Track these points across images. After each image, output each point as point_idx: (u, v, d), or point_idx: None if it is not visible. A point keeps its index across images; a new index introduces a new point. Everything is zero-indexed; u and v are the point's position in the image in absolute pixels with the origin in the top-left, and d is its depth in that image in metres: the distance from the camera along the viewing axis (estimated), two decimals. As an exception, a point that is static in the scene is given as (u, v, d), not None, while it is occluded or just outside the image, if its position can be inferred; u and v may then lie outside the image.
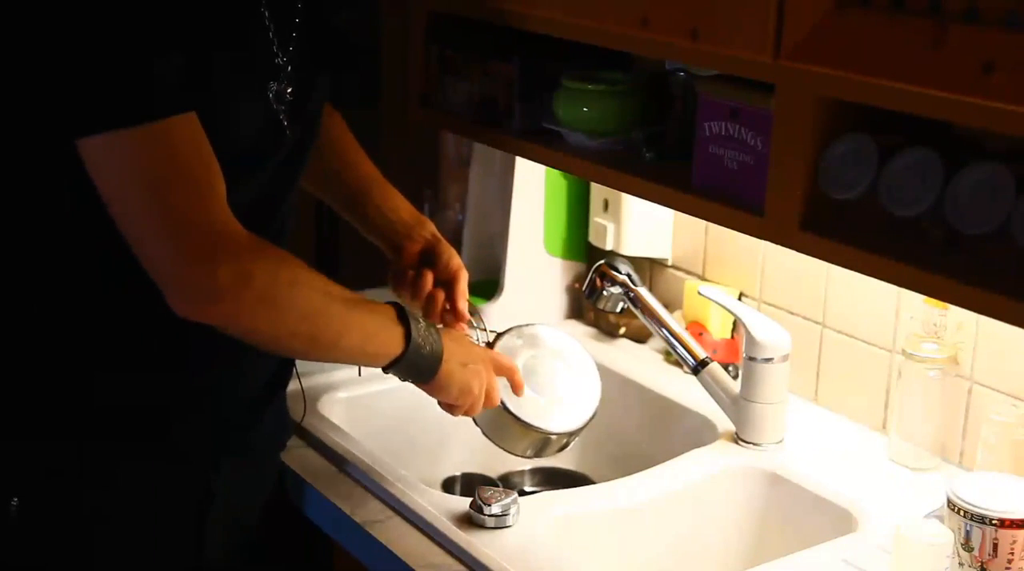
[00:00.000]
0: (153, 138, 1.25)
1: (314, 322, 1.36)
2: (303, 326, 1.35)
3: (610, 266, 1.77)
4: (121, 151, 1.25)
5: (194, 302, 1.29)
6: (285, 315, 1.32)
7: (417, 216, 1.68)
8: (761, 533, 1.65)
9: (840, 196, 1.23)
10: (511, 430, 1.57)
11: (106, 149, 1.25)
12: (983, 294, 1.11)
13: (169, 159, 1.26)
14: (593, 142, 1.58)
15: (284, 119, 1.41)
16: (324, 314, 1.36)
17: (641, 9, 1.38)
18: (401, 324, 1.44)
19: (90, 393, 1.39)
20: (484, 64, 1.69)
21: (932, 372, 1.61)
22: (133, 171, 1.26)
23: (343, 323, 1.39)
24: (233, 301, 1.28)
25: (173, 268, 1.28)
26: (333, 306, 1.37)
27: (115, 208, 1.27)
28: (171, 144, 1.26)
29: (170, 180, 1.26)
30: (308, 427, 1.71)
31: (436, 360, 1.47)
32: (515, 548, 1.44)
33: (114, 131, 1.24)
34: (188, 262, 1.27)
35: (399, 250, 1.65)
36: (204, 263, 1.27)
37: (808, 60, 1.21)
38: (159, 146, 1.25)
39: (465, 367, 1.50)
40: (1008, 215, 1.11)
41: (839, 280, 1.76)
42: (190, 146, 1.27)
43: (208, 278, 1.27)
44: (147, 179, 1.26)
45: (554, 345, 1.65)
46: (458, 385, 1.50)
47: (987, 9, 1.06)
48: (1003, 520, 1.34)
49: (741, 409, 1.68)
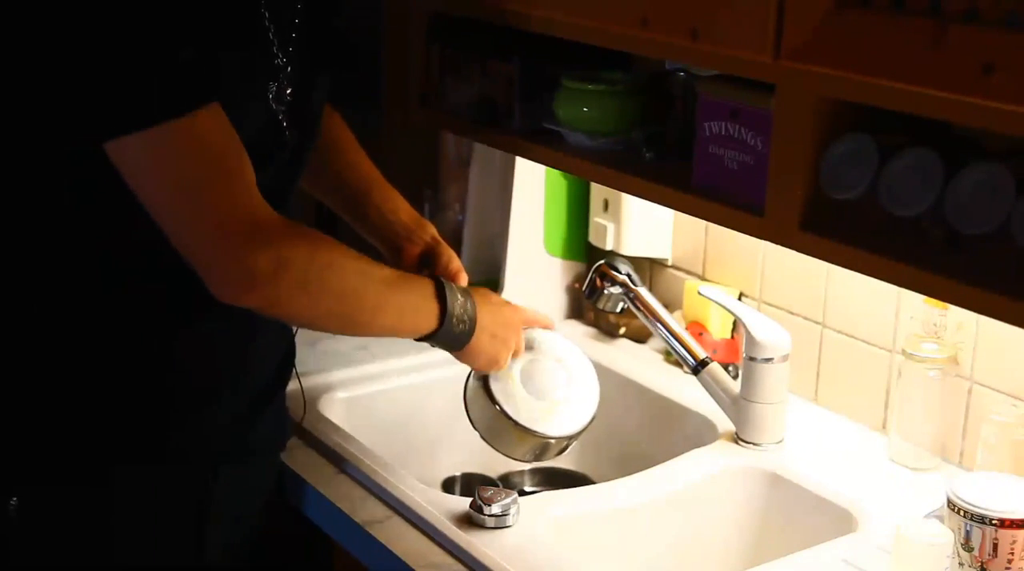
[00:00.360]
0: (183, 132, 1.26)
1: (351, 302, 1.39)
2: (340, 307, 1.39)
3: (610, 266, 1.77)
4: (153, 149, 1.26)
5: (235, 289, 1.31)
6: (322, 297, 1.36)
7: (417, 218, 1.68)
8: (761, 533, 1.65)
9: (840, 196, 1.23)
10: (510, 435, 1.57)
11: (138, 148, 1.26)
12: (983, 294, 1.11)
13: (201, 152, 1.28)
14: (593, 142, 1.58)
15: (284, 120, 1.41)
16: (361, 294, 1.40)
17: (641, 9, 1.38)
18: (438, 300, 1.47)
19: (89, 394, 1.39)
20: (484, 64, 1.69)
21: (932, 372, 1.61)
22: (167, 167, 1.28)
23: (379, 302, 1.42)
24: (272, 286, 1.31)
25: (213, 257, 1.30)
26: (370, 286, 1.41)
27: (151, 204, 1.29)
28: (201, 136, 1.27)
29: (204, 172, 1.28)
30: (308, 427, 1.71)
31: (469, 334, 1.50)
32: (515, 548, 1.44)
33: (144, 130, 1.24)
34: (227, 250, 1.29)
35: (399, 252, 1.65)
36: (242, 251, 1.29)
37: (808, 60, 1.21)
38: (190, 140, 1.27)
39: (495, 337, 1.54)
40: (1008, 215, 1.11)
41: (839, 280, 1.76)
42: (219, 136, 1.29)
43: (247, 265, 1.29)
44: (181, 173, 1.28)
45: (553, 349, 1.64)
46: (486, 355, 1.54)
47: (987, 9, 1.06)
48: (1003, 520, 1.34)
49: (741, 409, 1.68)
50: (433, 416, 1.90)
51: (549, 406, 1.59)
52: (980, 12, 1.06)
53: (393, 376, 1.91)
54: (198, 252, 1.30)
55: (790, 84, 1.24)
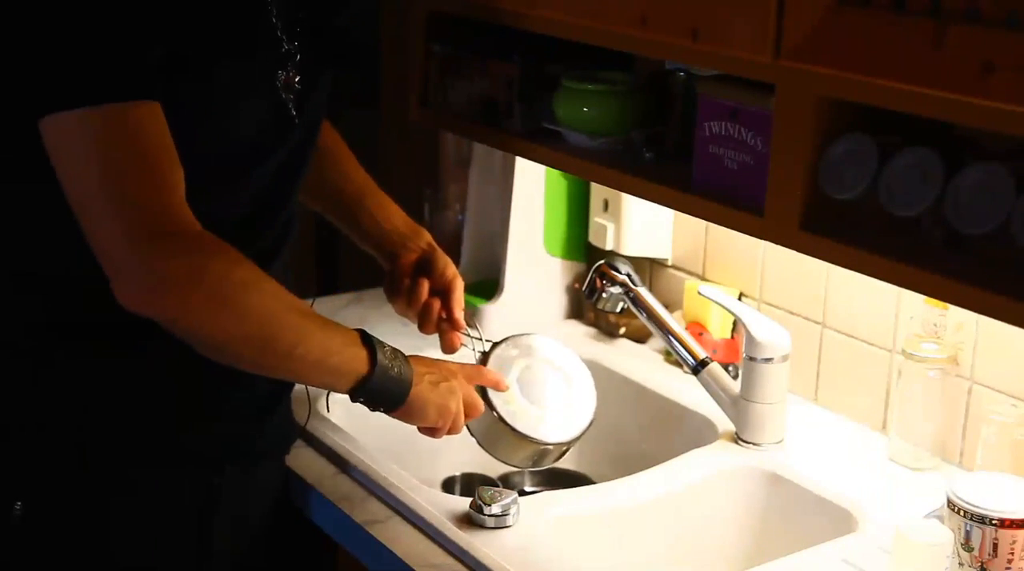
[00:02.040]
0: (114, 120, 1.24)
1: (267, 328, 1.31)
2: (255, 330, 1.30)
3: (610, 266, 1.77)
4: (81, 130, 1.24)
5: (141, 293, 1.25)
6: (236, 317, 1.29)
7: (412, 226, 1.68)
8: (761, 533, 1.65)
9: (840, 196, 1.23)
10: (508, 441, 1.57)
11: (66, 127, 1.24)
12: (983, 294, 1.11)
13: (128, 143, 1.25)
14: (593, 142, 1.58)
15: (292, 109, 1.41)
16: (279, 321, 1.32)
17: (641, 9, 1.38)
18: (365, 346, 1.39)
19: (95, 396, 1.38)
20: (484, 64, 1.69)
21: (932, 372, 1.61)
22: (90, 152, 1.25)
23: (300, 333, 1.33)
24: (181, 296, 1.25)
25: (123, 255, 1.25)
26: (291, 314, 1.33)
27: (70, 190, 1.26)
28: (132, 129, 1.25)
29: (127, 164, 1.25)
30: (308, 428, 1.71)
31: (406, 384, 1.42)
32: (515, 548, 1.44)
33: (75, 110, 1.23)
34: (138, 249, 1.24)
35: (394, 259, 1.64)
36: (155, 252, 1.24)
37: (808, 60, 1.21)
38: (120, 129, 1.24)
39: (437, 386, 1.46)
40: (1008, 215, 1.10)
41: (839, 280, 1.76)
42: (151, 134, 1.26)
43: (158, 268, 1.24)
44: (104, 161, 1.25)
45: (549, 355, 1.64)
46: (434, 406, 1.45)
47: (987, 9, 1.06)
48: (1003, 520, 1.34)
49: (741, 409, 1.69)
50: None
51: (546, 412, 1.59)
52: (980, 12, 1.06)
53: (393, 376, 1.91)
54: (107, 246, 1.26)
55: (790, 84, 1.24)
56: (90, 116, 1.23)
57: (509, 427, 1.55)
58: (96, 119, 1.24)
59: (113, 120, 1.24)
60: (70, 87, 1.23)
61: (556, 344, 1.67)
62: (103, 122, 1.24)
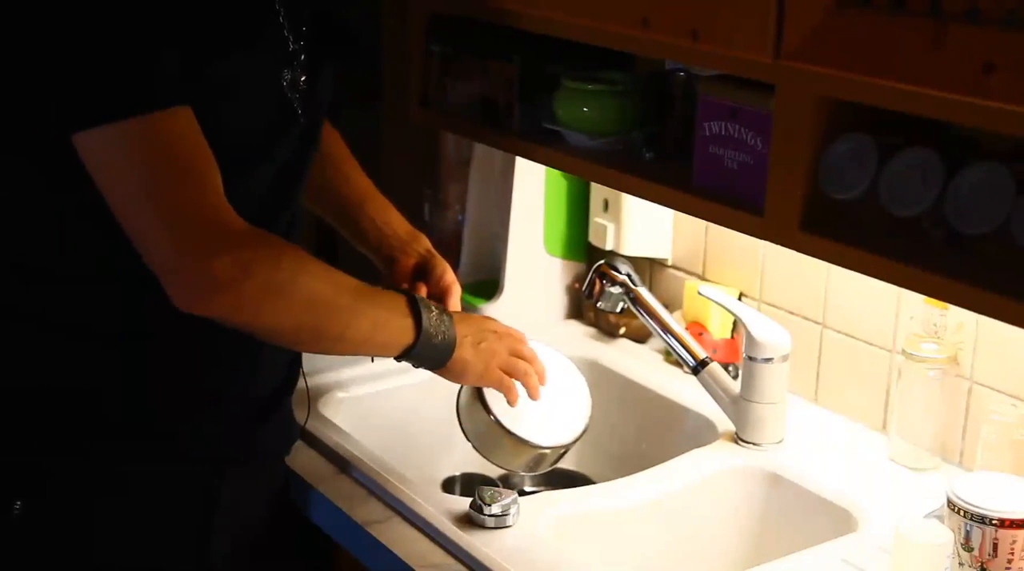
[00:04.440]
0: (151, 130, 1.25)
1: (319, 312, 1.35)
2: (308, 317, 1.35)
3: (610, 266, 1.77)
4: (119, 143, 1.25)
5: (195, 294, 1.28)
6: (288, 305, 1.32)
7: (411, 231, 1.68)
8: (761, 533, 1.65)
9: (840, 196, 1.23)
10: (504, 446, 1.57)
11: (104, 142, 1.25)
12: (983, 294, 1.11)
13: (166, 151, 1.26)
14: (593, 142, 1.58)
15: (298, 107, 1.41)
16: (330, 304, 1.36)
17: (641, 9, 1.38)
18: (412, 314, 1.43)
19: (95, 396, 1.38)
20: (484, 64, 1.69)
21: (932, 372, 1.61)
22: (131, 163, 1.26)
23: (351, 313, 1.38)
24: (234, 292, 1.28)
25: (173, 260, 1.27)
26: (340, 296, 1.37)
27: (114, 201, 1.27)
28: (168, 136, 1.26)
29: (168, 172, 1.27)
30: (308, 428, 1.71)
31: (449, 349, 1.47)
32: (515, 548, 1.44)
33: (112, 123, 1.24)
34: (188, 253, 1.27)
35: (393, 264, 1.65)
36: (203, 253, 1.27)
37: (808, 60, 1.21)
38: (157, 138, 1.26)
39: (478, 347, 1.50)
40: (1008, 215, 1.11)
41: (839, 280, 1.76)
42: (187, 139, 1.27)
43: (208, 269, 1.26)
44: (145, 171, 1.26)
45: (544, 360, 1.64)
46: (473, 368, 1.50)
47: (987, 9, 1.06)
48: (1003, 520, 1.34)
49: (741, 409, 1.68)
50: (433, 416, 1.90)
51: (543, 416, 1.59)
52: (980, 12, 1.06)
53: (393, 376, 1.91)
54: (157, 254, 1.28)
55: (790, 84, 1.24)
56: (126, 129, 1.24)
57: (506, 431, 1.55)
58: (132, 131, 1.25)
59: (149, 130, 1.25)
60: (102, 101, 1.24)
61: (550, 349, 1.67)
62: (140, 133, 1.25)
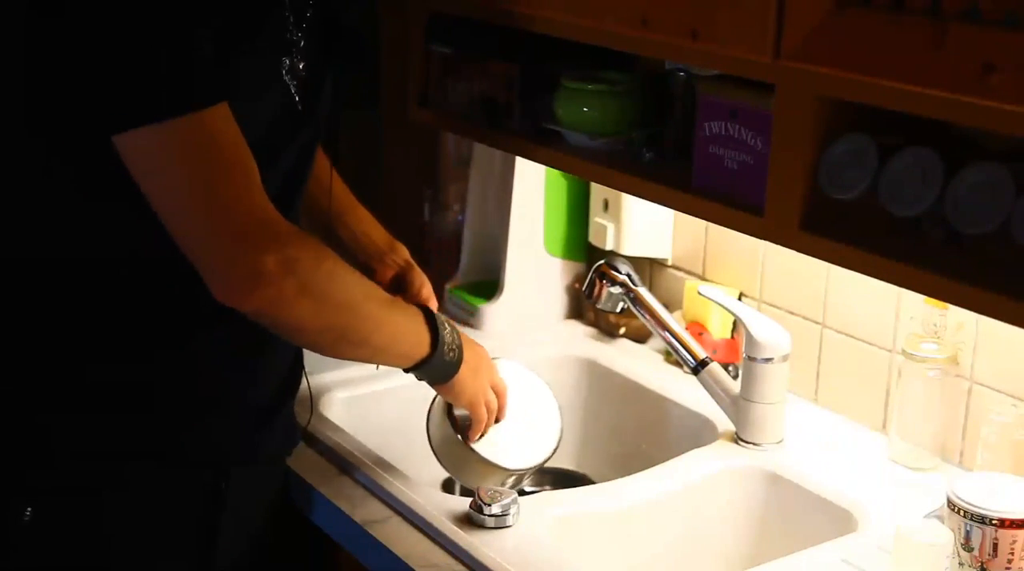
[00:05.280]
0: (195, 129, 1.25)
1: (348, 316, 1.38)
2: (337, 319, 1.37)
3: (610, 266, 1.77)
4: (162, 144, 1.25)
5: (240, 288, 1.29)
6: (323, 306, 1.34)
7: (390, 241, 1.68)
8: (761, 533, 1.65)
9: (840, 196, 1.23)
10: (474, 468, 1.58)
11: (147, 143, 1.25)
12: (983, 294, 1.11)
13: (212, 149, 1.27)
14: (593, 142, 1.58)
15: (301, 105, 1.41)
16: (360, 309, 1.39)
17: (641, 9, 1.38)
18: (429, 327, 1.47)
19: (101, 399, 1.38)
20: (484, 64, 1.69)
21: (932, 372, 1.61)
22: (176, 164, 1.27)
23: (375, 321, 1.41)
24: (276, 288, 1.29)
25: (219, 254, 1.28)
26: (369, 302, 1.40)
27: (159, 203, 1.28)
28: (212, 134, 1.26)
29: (213, 169, 1.27)
30: (309, 429, 1.71)
31: (456, 366, 1.51)
32: (515, 548, 1.44)
33: (156, 123, 1.24)
34: (234, 248, 1.28)
35: (371, 275, 1.64)
36: (253, 249, 1.28)
37: (808, 60, 1.21)
38: (201, 137, 1.26)
39: (476, 374, 1.54)
40: (1008, 215, 1.10)
41: (839, 280, 1.76)
42: (228, 135, 1.28)
43: (256, 263, 1.28)
44: (190, 169, 1.27)
45: (514, 379, 1.65)
46: (468, 393, 1.54)
47: (987, 9, 1.06)
48: (1003, 520, 1.34)
49: (741, 409, 1.68)
50: (433, 416, 1.90)
51: (513, 437, 1.60)
52: (980, 12, 1.06)
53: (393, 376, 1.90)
54: (203, 250, 1.29)
55: (790, 84, 1.24)
56: (168, 128, 1.24)
57: (476, 454, 1.56)
58: (174, 130, 1.25)
59: (193, 128, 1.25)
60: (143, 102, 1.24)
61: (520, 367, 1.68)
62: (181, 133, 1.25)
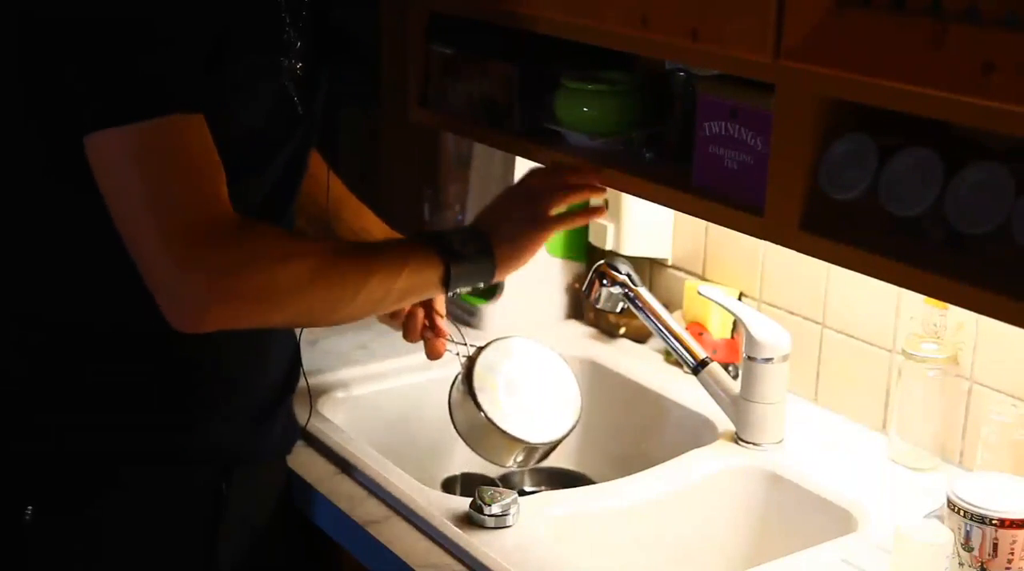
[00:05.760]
0: (156, 135, 1.24)
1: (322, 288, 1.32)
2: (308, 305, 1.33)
3: (610, 266, 1.77)
4: (121, 147, 1.24)
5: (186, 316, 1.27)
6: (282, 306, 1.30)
7: (388, 233, 1.68)
8: (761, 533, 1.65)
9: (840, 196, 1.23)
10: (495, 441, 1.58)
11: (108, 145, 1.24)
12: (983, 294, 1.11)
13: (169, 158, 1.25)
14: (593, 142, 1.58)
15: (296, 97, 1.40)
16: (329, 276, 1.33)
17: (641, 9, 1.38)
18: (431, 245, 1.40)
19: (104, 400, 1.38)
20: (484, 64, 1.69)
21: (932, 372, 1.61)
22: (129, 168, 1.25)
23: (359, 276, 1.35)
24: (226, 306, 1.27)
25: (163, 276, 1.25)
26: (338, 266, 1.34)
27: (113, 205, 1.26)
28: (173, 143, 1.25)
29: (167, 180, 1.25)
30: (308, 428, 1.71)
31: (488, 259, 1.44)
32: (515, 548, 1.44)
33: (117, 127, 1.23)
34: (176, 271, 1.25)
35: None
36: (192, 269, 1.24)
37: (808, 60, 1.21)
38: (161, 144, 1.24)
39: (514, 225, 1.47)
40: (1008, 215, 1.11)
41: (839, 280, 1.76)
42: (193, 147, 1.26)
43: (195, 286, 1.25)
44: (143, 177, 1.25)
45: (533, 356, 1.65)
46: (522, 250, 1.47)
47: (987, 9, 1.06)
48: (1003, 520, 1.34)
49: (741, 409, 1.68)
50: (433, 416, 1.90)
51: (533, 412, 1.60)
52: (980, 12, 1.06)
53: (393, 376, 1.91)
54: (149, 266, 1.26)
55: (790, 84, 1.24)
56: (130, 133, 1.23)
57: (497, 428, 1.56)
58: (135, 135, 1.23)
59: (153, 136, 1.24)
60: (112, 104, 1.23)
61: (538, 345, 1.68)
62: (142, 138, 1.24)
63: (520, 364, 1.63)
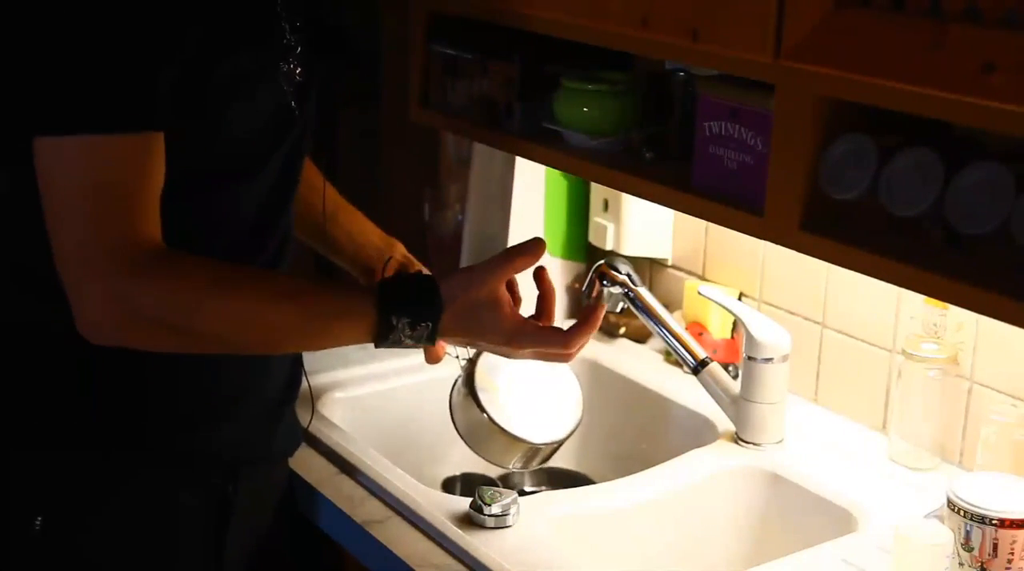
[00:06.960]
0: (92, 151, 1.23)
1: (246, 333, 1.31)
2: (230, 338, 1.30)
3: (610, 266, 1.77)
4: (58, 155, 1.23)
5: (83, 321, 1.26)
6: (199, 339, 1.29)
7: (386, 238, 1.67)
8: (761, 533, 1.65)
9: (840, 196, 1.23)
10: (498, 442, 1.57)
11: (48, 152, 1.24)
12: (983, 294, 1.11)
13: (105, 175, 1.24)
14: (593, 142, 1.58)
15: (293, 101, 1.40)
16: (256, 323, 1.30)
17: (641, 9, 1.38)
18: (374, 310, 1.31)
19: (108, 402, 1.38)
20: (484, 64, 1.69)
21: (932, 372, 1.61)
22: (65, 179, 1.24)
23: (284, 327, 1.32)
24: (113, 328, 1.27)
25: (78, 286, 1.25)
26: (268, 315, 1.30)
27: (46, 212, 1.26)
28: (106, 161, 1.23)
29: (98, 197, 1.24)
30: (310, 429, 1.71)
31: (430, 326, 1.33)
32: (515, 548, 1.45)
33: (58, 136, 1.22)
34: (85, 280, 1.24)
35: (371, 274, 1.63)
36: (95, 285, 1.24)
37: (808, 60, 1.21)
38: (94, 160, 1.23)
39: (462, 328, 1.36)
40: (1008, 215, 1.10)
41: (839, 280, 1.76)
42: (129, 168, 1.24)
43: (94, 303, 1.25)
44: (73, 190, 1.24)
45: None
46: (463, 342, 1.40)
47: (987, 9, 1.06)
48: (1003, 520, 1.34)
49: (741, 409, 1.69)
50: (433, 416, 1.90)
51: (535, 414, 1.59)
52: (980, 12, 1.06)
53: (393, 376, 1.91)
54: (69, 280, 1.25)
55: (790, 84, 1.24)
56: (69, 144, 1.22)
57: (500, 429, 1.56)
58: (74, 148, 1.22)
59: (91, 151, 1.23)
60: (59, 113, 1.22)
61: None
62: (81, 152, 1.22)
63: (521, 365, 1.63)
